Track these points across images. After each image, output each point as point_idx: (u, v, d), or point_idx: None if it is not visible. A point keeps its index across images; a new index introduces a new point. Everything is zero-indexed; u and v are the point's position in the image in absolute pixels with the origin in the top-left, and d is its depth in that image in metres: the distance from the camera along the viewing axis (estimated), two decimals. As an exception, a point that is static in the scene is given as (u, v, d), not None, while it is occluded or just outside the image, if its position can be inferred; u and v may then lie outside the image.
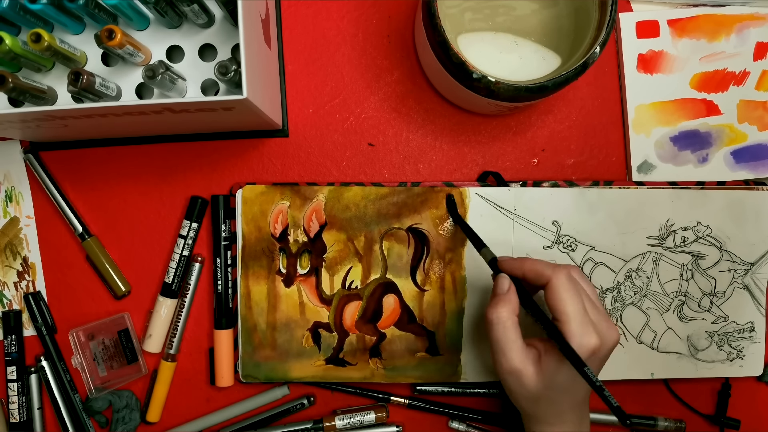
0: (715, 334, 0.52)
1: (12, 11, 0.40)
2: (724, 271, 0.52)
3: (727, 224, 0.52)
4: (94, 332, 0.51)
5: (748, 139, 0.53)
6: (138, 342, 0.52)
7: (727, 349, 0.52)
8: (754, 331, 0.53)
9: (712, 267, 0.52)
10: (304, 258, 0.51)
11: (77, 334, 0.50)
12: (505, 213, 0.51)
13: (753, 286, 0.53)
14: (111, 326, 0.51)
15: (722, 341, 0.52)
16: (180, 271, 0.51)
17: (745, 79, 0.53)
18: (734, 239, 0.52)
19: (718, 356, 0.52)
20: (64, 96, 0.44)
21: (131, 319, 0.52)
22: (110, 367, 0.51)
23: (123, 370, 0.51)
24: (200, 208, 0.51)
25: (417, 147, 0.53)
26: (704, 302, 0.52)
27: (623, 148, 0.54)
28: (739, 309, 0.52)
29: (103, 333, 0.51)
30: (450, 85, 0.46)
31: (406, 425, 0.53)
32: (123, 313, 0.52)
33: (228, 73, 0.40)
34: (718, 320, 0.52)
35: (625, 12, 0.53)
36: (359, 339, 0.51)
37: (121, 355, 0.51)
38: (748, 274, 0.52)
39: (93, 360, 0.50)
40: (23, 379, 0.51)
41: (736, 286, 0.52)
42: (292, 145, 0.53)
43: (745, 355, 0.53)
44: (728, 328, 0.52)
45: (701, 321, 0.52)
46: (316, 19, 0.52)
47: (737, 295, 0.52)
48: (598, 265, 0.51)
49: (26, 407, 0.51)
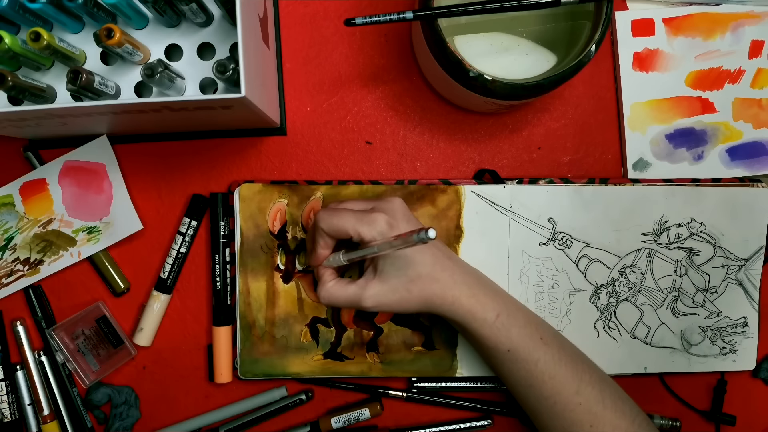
0: (708, 329, 0.53)
1: (11, 10, 0.40)
2: (718, 267, 0.53)
3: (721, 221, 0.52)
4: (71, 325, 0.51)
5: (743, 137, 0.53)
6: (119, 326, 0.52)
7: (720, 343, 0.53)
8: (747, 326, 0.53)
9: (705, 263, 0.53)
10: (303, 255, 0.51)
11: (56, 332, 0.50)
12: (501, 210, 0.51)
13: (746, 282, 0.53)
14: (88, 317, 0.51)
15: (715, 336, 0.53)
16: (176, 268, 0.52)
17: (740, 77, 0.53)
18: (728, 236, 0.52)
19: (711, 351, 0.53)
20: (64, 94, 0.44)
21: (107, 306, 0.52)
22: (98, 356, 0.51)
23: (111, 355, 0.51)
24: (202, 206, 0.52)
25: (414, 145, 0.53)
26: (698, 298, 0.53)
27: (619, 145, 0.54)
28: (733, 304, 0.53)
29: (81, 324, 0.51)
30: (447, 83, 0.47)
31: (404, 419, 0.53)
32: (97, 302, 0.52)
33: (226, 71, 0.41)
34: (711, 315, 0.53)
35: (621, 10, 0.53)
36: (356, 334, 0.51)
37: (104, 341, 0.51)
38: (741, 270, 0.53)
39: (78, 352, 0.50)
40: (11, 378, 0.52)
41: (730, 282, 0.53)
42: (290, 143, 0.53)
43: (738, 349, 0.53)
44: (721, 323, 0.53)
45: (695, 316, 0.53)
46: (314, 18, 0.53)
47: (730, 291, 0.53)
48: (593, 262, 0.52)
49: (17, 405, 0.52)
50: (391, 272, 0.43)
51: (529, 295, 0.51)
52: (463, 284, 0.44)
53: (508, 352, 0.44)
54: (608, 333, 0.52)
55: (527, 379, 0.44)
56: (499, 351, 0.44)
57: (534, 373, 0.44)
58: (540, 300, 0.51)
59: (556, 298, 0.51)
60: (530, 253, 0.51)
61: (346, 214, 0.42)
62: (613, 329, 0.52)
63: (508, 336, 0.44)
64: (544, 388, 0.44)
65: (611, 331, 0.52)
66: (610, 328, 0.52)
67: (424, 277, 0.43)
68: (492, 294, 0.45)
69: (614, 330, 0.52)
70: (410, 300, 0.43)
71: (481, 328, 0.44)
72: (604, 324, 0.52)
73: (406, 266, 0.43)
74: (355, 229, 0.41)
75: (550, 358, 0.44)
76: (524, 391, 0.45)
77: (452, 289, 0.44)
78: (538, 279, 0.51)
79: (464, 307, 0.44)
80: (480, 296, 0.44)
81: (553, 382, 0.44)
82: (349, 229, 0.42)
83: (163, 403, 0.53)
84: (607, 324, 0.52)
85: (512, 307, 0.46)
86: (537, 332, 0.45)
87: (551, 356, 0.44)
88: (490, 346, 0.44)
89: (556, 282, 0.51)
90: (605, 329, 0.52)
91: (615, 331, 0.52)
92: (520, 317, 0.45)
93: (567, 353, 0.46)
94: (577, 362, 0.45)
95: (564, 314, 0.52)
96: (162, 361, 0.53)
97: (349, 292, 0.43)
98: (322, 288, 0.44)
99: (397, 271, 0.43)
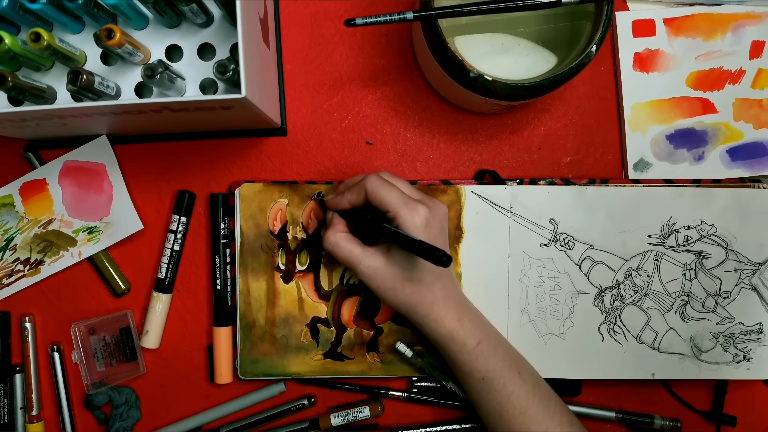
0: (720, 335, 0.51)
1: (11, 10, 0.40)
2: (730, 271, 0.51)
3: (732, 223, 0.51)
4: (95, 327, 0.51)
5: (743, 137, 0.53)
6: (139, 340, 0.52)
7: (733, 350, 0.51)
8: (762, 332, 0.51)
9: (717, 267, 0.51)
10: (303, 254, 0.51)
11: (79, 328, 0.50)
12: (501, 211, 0.51)
13: (761, 287, 0.51)
14: (113, 323, 0.51)
15: (728, 343, 0.51)
16: (173, 267, 0.52)
17: (740, 77, 0.53)
18: (741, 239, 0.51)
19: (723, 358, 0.51)
20: (64, 95, 0.44)
21: (134, 317, 0.52)
22: (109, 364, 0.51)
23: (121, 368, 0.52)
24: (188, 202, 0.52)
25: (414, 145, 0.53)
26: (708, 302, 0.51)
27: (619, 146, 0.54)
28: (746, 310, 0.51)
29: (105, 329, 0.51)
30: (447, 83, 0.47)
31: (404, 418, 0.53)
32: (126, 311, 0.52)
33: (227, 72, 0.41)
34: (723, 321, 0.51)
35: (621, 11, 0.53)
36: (357, 333, 0.51)
37: (121, 352, 0.51)
38: (756, 275, 0.51)
39: (92, 356, 0.51)
40: (6, 381, 0.52)
41: (743, 287, 0.51)
42: (290, 143, 0.53)
43: (752, 357, 0.51)
44: (734, 329, 0.51)
45: (705, 322, 0.51)
46: (314, 19, 0.53)
47: (744, 296, 0.51)
48: (596, 264, 0.51)
49: (8, 408, 0.52)
50: (399, 261, 0.43)
51: (529, 297, 0.51)
52: (453, 308, 0.45)
53: (482, 380, 0.44)
54: (613, 337, 0.51)
55: (498, 411, 0.44)
56: (474, 378, 0.45)
57: (506, 405, 0.44)
58: (541, 301, 0.51)
59: (558, 300, 0.51)
60: (531, 254, 0.51)
61: (395, 190, 0.43)
62: (618, 333, 0.51)
63: (485, 365, 0.44)
64: (514, 422, 0.44)
65: (616, 335, 0.51)
66: (615, 332, 0.51)
67: (422, 285, 0.43)
68: (477, 323, 0.46)
69: (619, 334, 0.51)
70: (398, 296, 0.44)
71: (459, 353, 0.44)
72: (608, 328, 0.51)
73: (413, 266, 0.43)
74: (396, 208, 0.42)
75: (523, 393, 0.44)
76: (494, 421, 0.45)
77: (441, 307, 0.44)
78: (538, 280, 0.51)
79: (446, 328, 0.44)
80: (465, 322, 0.45)
81: (524, 418, 0.44)
82: (391, 204, 0.42)
83: (163, 404, 0.53)
84: (611, 328, 0.51)
85: (494, 339, 0.46)
86: (515, 366, 0.45)
87: (525, 391, 0.44)
88: (465, 372, 0.45)
89: (557, 284, 0.51)
90: (610, 333, 0.51)
91: (620, 336, 0.51)
92: (501, 350, 0.45)
93: (542, 392, 0.46)
94: (550, 403, 0.45)
95: (566, 317, 0.51)
96: (162, 361, 0.53)
97: (354, 252, 0.44)
98: (332, 233, 0.45)
99: (405, 263, 0.43)
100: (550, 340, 0.51)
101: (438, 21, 0.42)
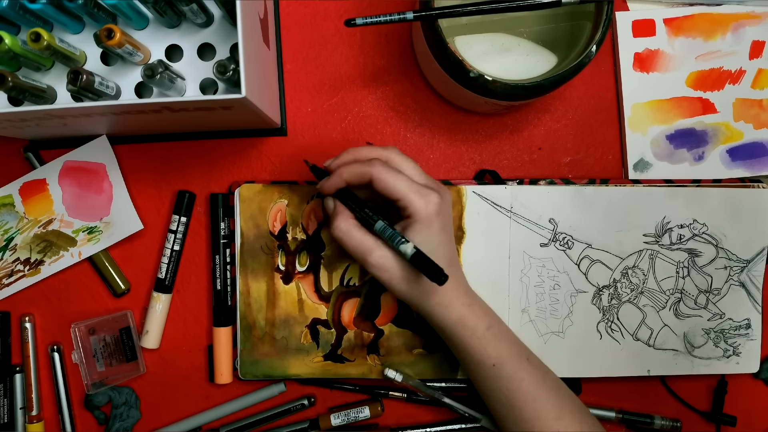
0: (711, 331, 0.53)
1: (11, 10, 0.40)
2: (720, 268, 0.52)
3: (723, 222, 0.52)
4: (95, 327, 0.51)
5: (743, 138, 0.53)
6: (139, 341, 0.52)
7: (724, 346, 0.53)
8: (750, 328, 0.53)
9: (708, 264, 0.52)
10: (303, 255, 0.51)
11: (79, 328, 0.50)
12: (501, 211, 0.51)
13: (749, 284, 0.53)
14: (113, 323, 0.51)
15: (718, 338, 0.53)
16: (173, 267, 0.52)
17: (740, 77, 0.53)
18: (730, 237, 0.52)
19: (714, 353, 0.53)
20: (64, 95, 0.44)
21: (134, 318, 0.52)
22: (109, 364, 0.51)
23: (121, 368, 0.52)
24: (188, 202, 0.52)
25: (414, 145, 0.53)
26: (700, 299, 0.53)
27: (619, 146, 0.54)
28: (735, 306, 0.53)
29: (105, 329, 0.51)
30: (447, 83, 0.47)
31: (404, 419, 0.53)
32: (126, 311, 0.52)
33: (227, 72, 0.41)
34: (714, 317, 0.53)
35: (622, 11, 0.53)
36: (357, 335, 0.51)
37: (120, 352, 0.51)
38: (744, 272, 0.53)
39: (92, 356, 0.50)
40: (6, 381, 0.52)
41: (732, 284, 0.53)
42: (290, 143, 0.53)
43: (741, 352, 0.53)
44: (724, 325, 0.53)
45: (697, 318, 0.52)
46: (314, 19, 0.53)
47: (733, 293, 0.53)
48: (594, 263, 0.52)
49: (8, 408, 0.52)
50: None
51: (530, 296, 0.51)
52: (463, 293, 0.44)
53: (493, 366, 0.44)
54: (611, 335, 0.52)
55: (509, 398, 0.44)
56: (485, 365, 0.44)
57: (516, 392, 0.43)
58: (541, 301, 0.51)
59: (558, 299, 0.51)
60: (531, 254, 0.51)
61: (403, 179, 0.41)
62: (615, 331, 0.52)
63: (496, 349, 0.44)
64: (525, 410, 0.43)
65: (614, 333, 0.52)
66: (612, 330, 0.52)
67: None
68: (486, 308, 0.45)
69: (617, 332, 0.52)
70: (411, 286, 0.42)
71: (470, 338, 0.44)
72: (606, 326, 0.52)
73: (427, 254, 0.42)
74: (408, 197, 0.41)
75: (534, 380, 0.44)
76: (504, 411, 0.45)
77: (453, 291, 0.44)
78: (539, 280, 0.51)
79: (458, 312, 0.43)
80: (475, 307, 0.44)
81: (535, 405, 0.43)
82: (401, 193, 0.41)
83: (163, 404, 0.53)
84: (609, 326, 0.52)
85: (503, 325, 0.46)
86: (524, 353, 0.45)
87: (536, 378, 0.44)
88: (475, 359, 0.44)
89: (557, 283, 0.51)
90: (608, 331, 0.52)
91: (618, 333, 0.52)
92: (510, 336, 0.45)
93: (551, 379, 0.45)
94: (560, 389, 0.45)
95: (566, 315, 0.51)
96: (162, 361, 0.53)
97: (366, 241, 0.42)
98: (342, 219, 0.42)
99: None
100: (549, 340, 0.51)
101: (438, 21, 0.42)
